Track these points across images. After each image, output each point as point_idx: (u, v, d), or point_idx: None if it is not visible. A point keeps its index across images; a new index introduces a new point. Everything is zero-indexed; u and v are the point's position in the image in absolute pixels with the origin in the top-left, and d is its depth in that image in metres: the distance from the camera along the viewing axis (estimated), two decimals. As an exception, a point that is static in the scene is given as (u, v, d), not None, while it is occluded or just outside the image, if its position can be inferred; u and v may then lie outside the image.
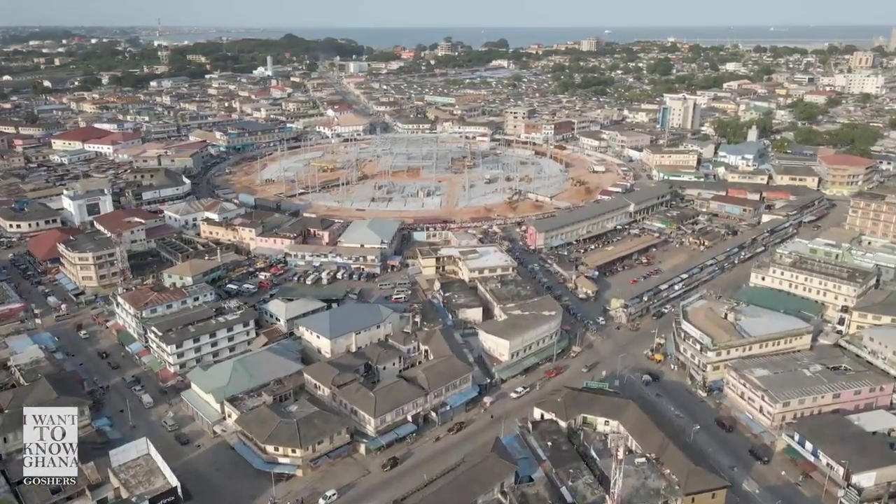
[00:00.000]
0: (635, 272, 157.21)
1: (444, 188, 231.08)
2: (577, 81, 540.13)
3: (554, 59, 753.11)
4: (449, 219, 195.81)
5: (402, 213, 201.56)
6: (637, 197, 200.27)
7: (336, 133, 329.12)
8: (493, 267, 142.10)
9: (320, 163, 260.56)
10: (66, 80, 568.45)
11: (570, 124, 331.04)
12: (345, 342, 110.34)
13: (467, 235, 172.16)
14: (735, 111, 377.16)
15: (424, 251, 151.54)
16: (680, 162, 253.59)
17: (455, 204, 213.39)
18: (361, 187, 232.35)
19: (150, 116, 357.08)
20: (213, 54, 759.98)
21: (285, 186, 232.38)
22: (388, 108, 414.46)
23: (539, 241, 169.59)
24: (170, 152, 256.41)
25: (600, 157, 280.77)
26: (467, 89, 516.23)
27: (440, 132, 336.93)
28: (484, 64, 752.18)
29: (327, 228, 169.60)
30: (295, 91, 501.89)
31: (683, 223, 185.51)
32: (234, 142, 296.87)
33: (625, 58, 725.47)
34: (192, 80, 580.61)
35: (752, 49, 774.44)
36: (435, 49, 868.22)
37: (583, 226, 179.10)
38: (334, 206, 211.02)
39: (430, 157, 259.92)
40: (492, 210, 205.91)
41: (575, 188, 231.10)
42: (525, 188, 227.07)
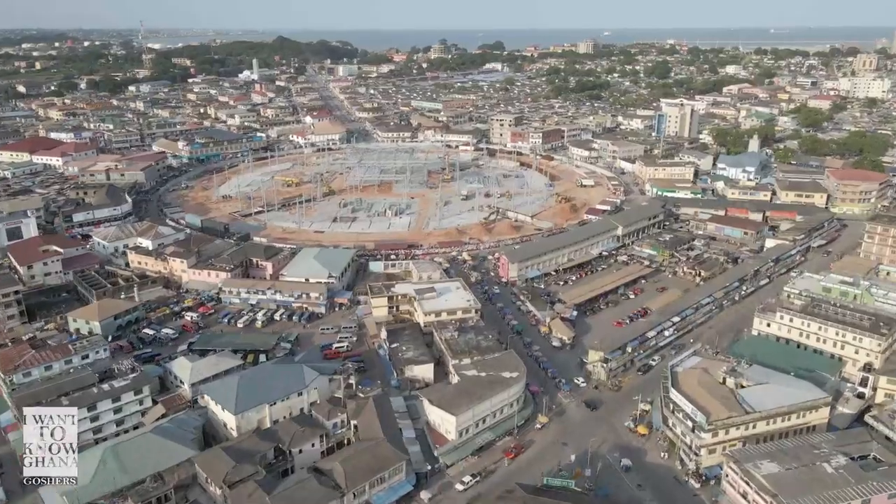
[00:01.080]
0: (621, 310, 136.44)
1: (416, 206, 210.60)
2: (572, 85, 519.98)
3: (549, 61, 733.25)
4: (416, 243, 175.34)
5: (363, 237, 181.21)
6: (626, 218, 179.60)
7: (310, 142, 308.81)
8: (452, 309, 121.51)
9: (285, 177, 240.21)
10: (43, 84, 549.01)
11: (560, 132, 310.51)
12: (255, 416, 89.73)
13: (432, 265, 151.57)
14: (735, 118, 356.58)
15: (376, 288, 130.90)
16: (675, 175, 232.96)
17: (425, 225, 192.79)
18: (325, 205, 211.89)
19: (114, 124, 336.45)
20: (200, 57, 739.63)
21: (242, 204, 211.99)
22: (371, 114, 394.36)
23: (512, 272, 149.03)
24: (120, 165, 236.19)
25: (590, 170, 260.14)
26: (456, 94, 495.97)
27: (422, 141, 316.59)
28: (478, 67, 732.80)
29: (272, 258, 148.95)
30: (277, 96, 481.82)
31: (677, 249, 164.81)
32: (198, 152, 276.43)
33: (622, 60, 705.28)
34: (173, 84, 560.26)
35: (753, 51, 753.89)
36: (428, 52, 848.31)
37: (563, 253, 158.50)
38: (291, 227, 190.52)
39: (405, 170, 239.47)
40: (465, 232, 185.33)
41: (560, 206, 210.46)
42: (504, 206, 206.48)
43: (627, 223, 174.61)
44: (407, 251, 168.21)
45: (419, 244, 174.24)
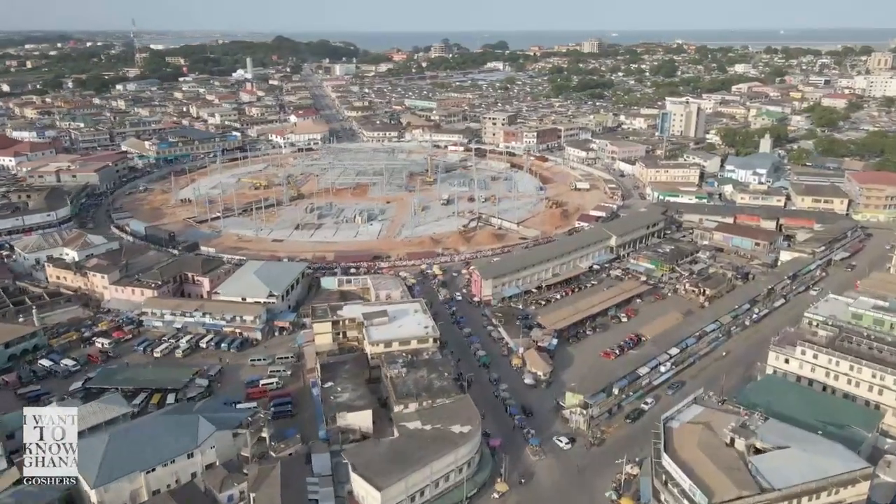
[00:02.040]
0: (610, 337, 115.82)
1: (391, 211, 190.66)
2: (574, 84, 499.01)
3: (552, 61, 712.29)
4: (383, 254, 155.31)
5: (325, 246, 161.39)
6: (622, 226, 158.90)
7: (289, 142, 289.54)
8: (405, 338, 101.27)
9: (252, 179, 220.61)
10: (29, 83, 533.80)
11: (556, 132, 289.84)
12: (127, 488, 69.85)
13: (394, 282, 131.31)
14: (745, 117, 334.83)
15: (319, 311, 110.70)
16: (679, 178, 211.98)
17: (397, 233, 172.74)
18: (292, 210, 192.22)
19: (86, 123, 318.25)
20: (195, 56, 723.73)
21: (201, 208, 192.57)
22: (360, 113, 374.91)
23: (485, 290, 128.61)
24: (73, 166, 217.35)
25: (586, 172, 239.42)
26: (453, 92, 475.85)
27: (409, 141, 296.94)
28: (478, 66, 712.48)
29: (210, 273, 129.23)
30: (267, 95, 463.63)
31: (678, 263, 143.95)
32: (165, 152, 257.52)
33: (627, 59, 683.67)
34: (163, 83, 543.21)
35: (763, 50, 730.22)
36: (429, 51, 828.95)
37: (547, 268, 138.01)
38: (248, 235, 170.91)
39: (384, 171, 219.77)
40: (440, 242, 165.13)
41: (550, 211, 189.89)
42: (488, 212, 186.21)
43: (623, 232, 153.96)
44: (370, 264, 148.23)
45: (386, 255, 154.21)
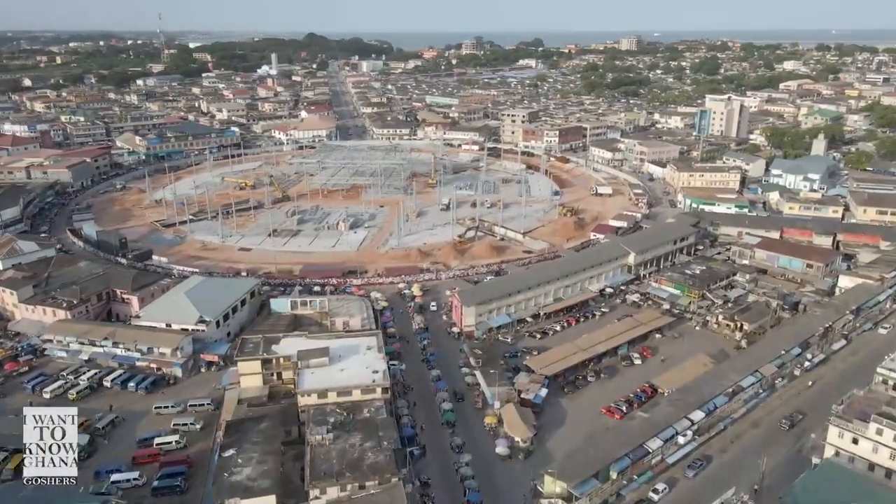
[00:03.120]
0: (618, 385, 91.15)
1: (382, 217, 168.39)
2: (608, 81, 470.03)
3: (588, 58, 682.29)
4: (359, 268, 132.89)
5: (296, 257, 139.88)
6: (643, 240, 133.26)
7: (293, 138, 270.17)
8: (346, 387, 78.67)
9: (237, 178, 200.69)
10: (51, 78, 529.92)
11: (581, 130, 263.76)
12: None
13: (358, 305, 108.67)
14: (794, 116, 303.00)
15: (248, 346, 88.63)
16: (716, 183, 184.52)
17: (383, 242, 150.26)
18: (272, 214, 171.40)
19: (86, 117, 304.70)
20: (222, 52, 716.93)
21: (177, 210, 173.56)
22: (376, 109, 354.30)
23: (468, 318, 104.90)
24: (47, 162, 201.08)
25: (611, 175, 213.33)
26: (478, 90, 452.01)
27: (420, 139, 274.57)
28: (510, 63, 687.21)
29: (140, 290, 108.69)
30: (287, 90, 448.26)
31: (710, 288, 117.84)
32: (156, 148, 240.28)
33: (666, 57, 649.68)
34: (185, 78, 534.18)
35: (814, 48, 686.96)
36: (460, 48, 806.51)
37: (547, 291, 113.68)
38: (213, 242, 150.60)
39: (379, 171, 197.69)
40: (429, 254, 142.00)
41: (563, 220, 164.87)
42: (491, 219, 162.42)
43: (643, 248, 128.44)
44: (340, 281, 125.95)
45: (362, 270, 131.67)
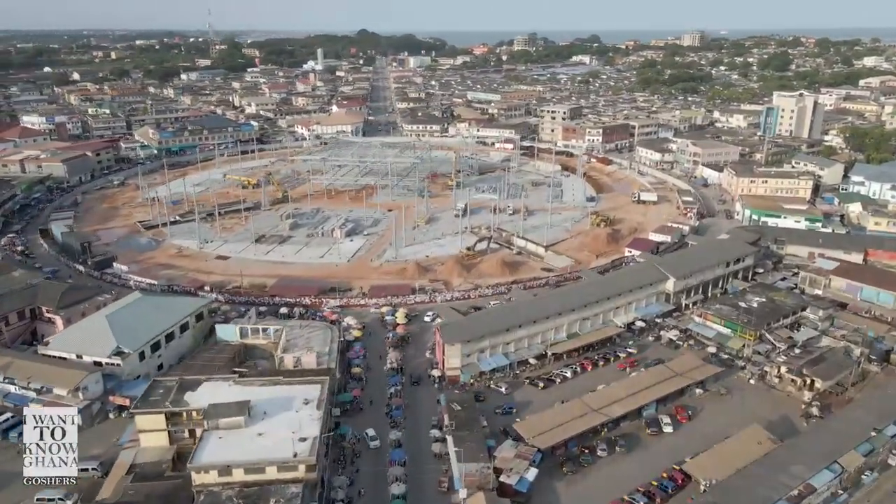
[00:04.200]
0: (637, 465, 67.73)
1: (386, 222, 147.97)
2: (665, 77, 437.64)
3: (646, 54, 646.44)
4: (342, 285, 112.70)
5: (276, 269, 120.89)
6: (688, 260, 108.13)
7: (315, 133, 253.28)
8: (256, 463, 58.26)
9: (238, 176, 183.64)
10: (99, 72, 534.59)
11: (628, 129, 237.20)
12: None
13: (324, 335, 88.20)
14: (877, 115, 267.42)
15: (155, 393, 69.28)
16: (783, 191, 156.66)
17: (380, 254, 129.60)
18: (267, 216, 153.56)
19: (111, 109, 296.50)
20: (271, 48, 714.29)
21: (167, 210, 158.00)
22: (412, 104, 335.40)
23: (452, 359, 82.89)
24: (45, 155, 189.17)
25: (659, 179, 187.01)
26: (524, 85, 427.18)
27: (452, 136, 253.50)
28: (563, 60, 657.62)
29: (69, 308, 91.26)
30: (327, 85, 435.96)
31: (771, 327, 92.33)
32: (168, 142, 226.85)
33: (731, 52, 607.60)
34: (230, 73, 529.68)
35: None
36: (512, 45, 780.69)
37: (558, 324, 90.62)
38: (190, 248, 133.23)
39: (389, 171, 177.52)
40: (430, 269, 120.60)
41: (595, 231, 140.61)
42: (511, 228, 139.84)
43: (687, 270, 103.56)
44: (315, 301, 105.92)
45: (345, 288, 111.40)
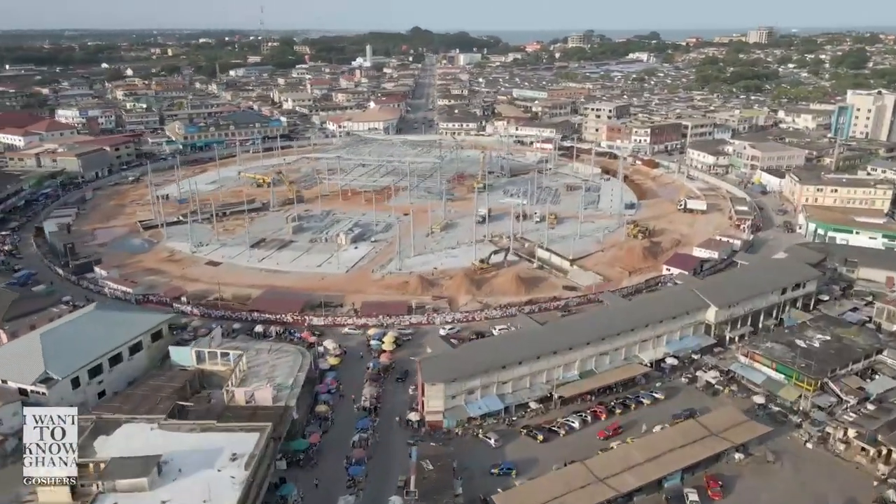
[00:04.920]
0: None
1: (399, 228, 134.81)
2: (727, 75, 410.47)
3: (707, 51, 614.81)
4: (336, 299, 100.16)
5: (266, 279, 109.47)
6: (735, 284, 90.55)
7: (345, 131, 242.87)
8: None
9: (253, 174, 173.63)
10: (151, 69, 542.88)
11: (680, 128, 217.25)
12: None
13: (291, 361, 75.60)
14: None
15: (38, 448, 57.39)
16: (856, 202, 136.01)
17: (384, 264, 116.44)
18: (273, 218, 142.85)
19: (148, 104, 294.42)
20: (321, 45, 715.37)
21: (172, 208, 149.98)
22: (451, 101, 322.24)
23: (433, 401, 68.79)
24: (62, 149, 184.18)
25: (710, 184, 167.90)
26: (573, 83, 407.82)
27: (489, 134, 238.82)
28: (619, 57, 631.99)
29: (13, 322, 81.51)
30: (371, 81, 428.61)
31: (836, 373, 74.56)
32: (193, 137, 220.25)
33: (801, 49, 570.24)
34: (277, 69, 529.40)
35: None
36: (566, 42, 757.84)
37: (568, 361, 75.37)
38: (183, 252, 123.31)
39: (420, 171, 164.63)
40: (437, 283, 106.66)
41: (630, 243, 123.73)
42: (536, 238, 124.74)
43: (733, 297, 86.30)
44: (297, 318, 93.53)
45: (334, 303, 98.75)
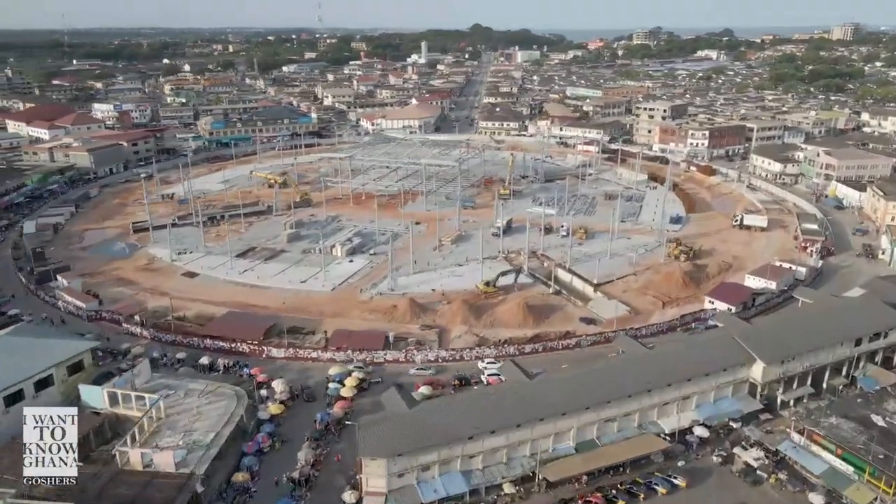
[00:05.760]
0: None
1: (405, 239, 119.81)
2: (804, 74, 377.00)
3: (785, 48, 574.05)
4: (311, 324, 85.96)
5: (243, 294, 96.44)
6: (789, 333, 70.87)
7: (379, 129, 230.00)
8: None
9: (265, 174, 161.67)
10: (209, 65, 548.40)
11: (743, 131, 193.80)
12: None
13: (222, 407, 61.66)
14: None
15: None
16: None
17: (377, 282, 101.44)
18: (271, 224, 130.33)
19: (188, 99, 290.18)
20: (378, 42, 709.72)
21: (171, 208, 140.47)
22: (498, 99, 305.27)
23: (375, 480, 52.85)
24: (76, 144, 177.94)
25: (775, 196, 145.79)
26: (631, 81, 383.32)
27: (531, 135, 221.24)
28: (686, 55, 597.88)
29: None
30: (421, 78, 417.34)
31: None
32: (219, 133, 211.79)
33: (889, 47, 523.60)
34: (329, 66, 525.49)
35: None
36: (630, 39, 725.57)
37: (560, 429, 58.39)
38: (162, 260, 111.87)
39: (423, 175, 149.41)
40: (430, 309, 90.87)
41: (668, 266, 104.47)
42: (558, 256, 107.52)
43: (785, 350, 66.96)
44: (255, 349, 79.58)
45: (308, 331, 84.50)
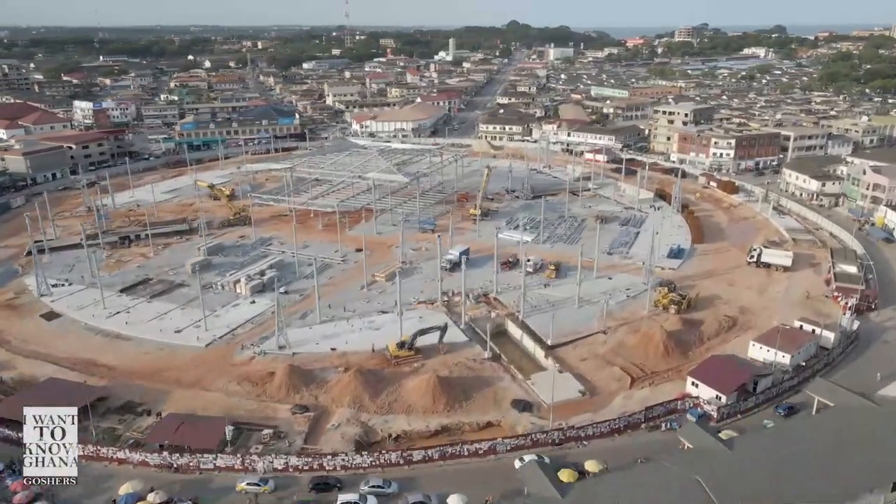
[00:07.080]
0: None
1: (336, 270, 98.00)
2: (860, 74, 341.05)
3: (840, 45, 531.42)
4: (151, 399, 64.54)
5: (93, 350, 76.07)
6: (787, 469, 46.80)
7: (368, 131, 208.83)
8: None
9: (211, 185, 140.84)
10: (229, 61, 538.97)
11: (777, 139, 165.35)
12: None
13: None
14: None
15: None
16: None
17: (268, 335, 79.51)
18: (192, 245, 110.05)
19: (179, 95, 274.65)
20: (406, 39, 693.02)
21: (91, 224, 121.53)
22: (513, 100, 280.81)
23: None
24: (18, 146, 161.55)
25: (807, 222, 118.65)
26: (664, 80, 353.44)
27: (534, 141, 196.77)
28: (731, 53, 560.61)
29: None
30: (441, 76, 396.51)
31: None
32: (189, 135, 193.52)
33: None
34: (350, 63, 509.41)
35: None
36: (673, 36, 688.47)
37: None
38: (29, 292, 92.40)
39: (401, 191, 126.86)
40: (320, 379, 68.47)
41: (649, 325, 79.54)
42: (511, 302, 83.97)
43: (778, 500, 42.65)
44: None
45: (144, 409, 63.28)
